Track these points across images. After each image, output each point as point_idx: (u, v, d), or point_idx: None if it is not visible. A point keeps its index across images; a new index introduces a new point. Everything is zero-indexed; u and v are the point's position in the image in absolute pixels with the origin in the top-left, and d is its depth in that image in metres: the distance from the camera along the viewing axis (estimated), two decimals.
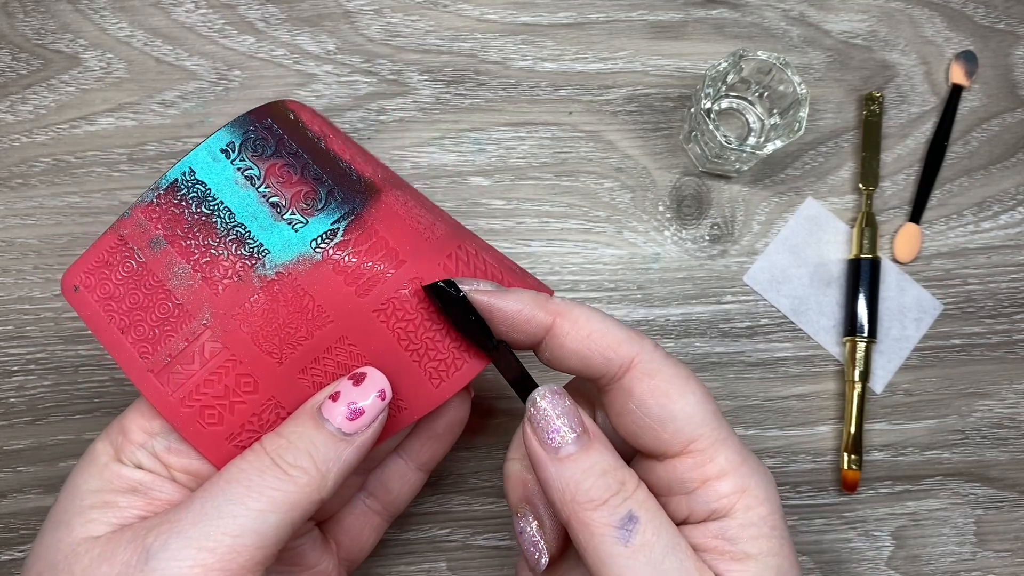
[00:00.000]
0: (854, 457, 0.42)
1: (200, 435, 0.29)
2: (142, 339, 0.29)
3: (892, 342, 0.43)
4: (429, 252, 0.30)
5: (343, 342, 0.29)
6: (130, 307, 0.29)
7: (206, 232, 0.29)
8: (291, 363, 0.29)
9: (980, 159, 0.45)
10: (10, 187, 0.41)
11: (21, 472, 0.40)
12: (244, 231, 0.29)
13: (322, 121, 0.33)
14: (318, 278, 0.28)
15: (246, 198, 0.29)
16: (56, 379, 0.41)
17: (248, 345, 0.29)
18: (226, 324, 0.29)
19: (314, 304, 0.29)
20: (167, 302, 0.29)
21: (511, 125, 0.43)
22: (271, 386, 0.29)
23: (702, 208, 0.44)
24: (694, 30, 0.44)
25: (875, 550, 0.43)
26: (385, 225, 0.29)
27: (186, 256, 0.29)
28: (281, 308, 0.29)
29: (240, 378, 0.29)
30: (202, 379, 0.29)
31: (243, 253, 0.29)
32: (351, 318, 0.29)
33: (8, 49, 0.42)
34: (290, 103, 0.32)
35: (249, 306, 0.29)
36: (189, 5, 0.43)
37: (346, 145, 0.32)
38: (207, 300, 0.29)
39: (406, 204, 0.31)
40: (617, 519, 0.26)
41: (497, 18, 0.44)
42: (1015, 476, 0.43)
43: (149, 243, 0.29)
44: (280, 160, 0.29)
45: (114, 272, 0.29)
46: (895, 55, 0.45)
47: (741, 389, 0.43)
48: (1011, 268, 0.44)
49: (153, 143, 0.42)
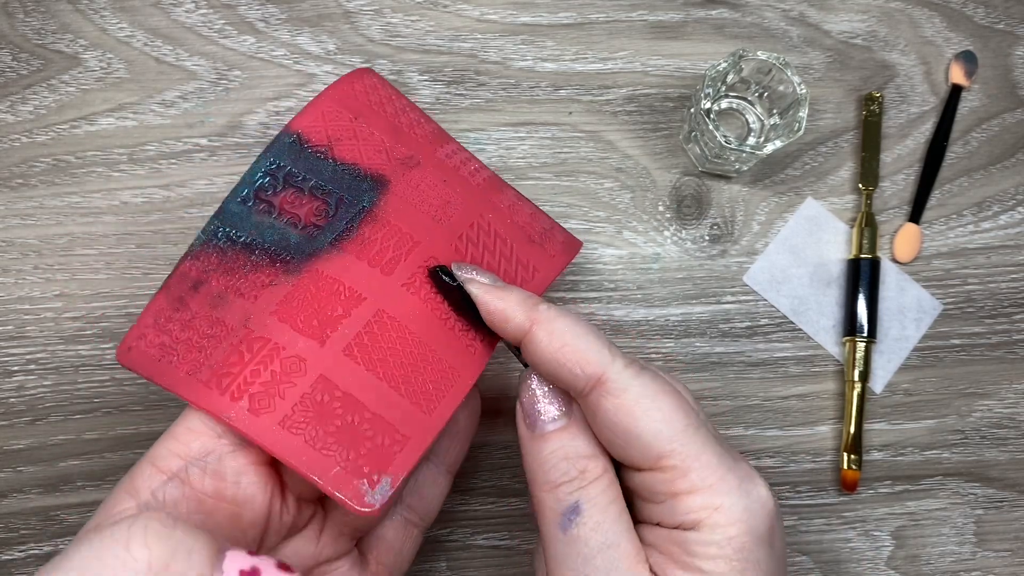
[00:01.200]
0: (854, 457, 0.42)
1: (251, 423, 0.29)
2: (191, 360, 0.31)
3: (892, 342, 0.43)
4: (442, 233, 0.33)
5: (381, 315, 0.31)
6: (176, 341, 0.31)
7: (238, 261, 0.32)
8: (333, 342, 0.30)
9: (980, 159, 0.45)
10: (10, 187, 0.41)
11: (21, 472, 0.40)
12: (270, 249, 0.32)
13: (337, 116, 0.34)
14: (343, 266, 0.31)
15: (268, 226, 0.32)
16: (56, 379, 0.41)
17: (288, 332, 0.30)
18: (265, 320, 0.31)
19: (344, 287, 0.31)
20: (211, 323, 0.31)
21: (511, 125, 0.43)
22: (318, 366, 0.30)
23: (702, 208, 0.44)
24: (694, 30, 0.45)
25: (875, 550, 0.43)
26: (396, 214, 0.33)
27: (224, 284, 0.32)
28: (314, 295, 0.31)
29: (286, 362, 0.30)
30: (249, 371, 0.30)
31: (272, 266, 0.32)
32: (382, 293, 0.31)
33: (8, 49, 0.42)
34: (296, 123, 0.33)
35: (283, 300, 0.31)
36: (189, 5, 0.43)
37: (360, 139, 0.34)
38: (245, 309, 0.31)
39: (419, 187, 0.33)
40: (563, 507, 0.27)
41: (497, 18, 0.44)
42: (1015, 476, 0.43)
43: (190, 287, 0.32)
44: (289, 190, 0.32)
45: (163, 321, 0.32)
46: (895, 55, 0.45)
47: (741, 389, 0.43)
48: (1011, 268, 0.44)
49: (153, 143, 0.42)
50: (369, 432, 0.30)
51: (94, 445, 0.40)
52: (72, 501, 0.40)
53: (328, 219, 0.32)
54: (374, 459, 0.30)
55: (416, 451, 0.30)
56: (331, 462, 0.29)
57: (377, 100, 0.35)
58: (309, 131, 0.33)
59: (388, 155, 0.34)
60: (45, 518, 0.40)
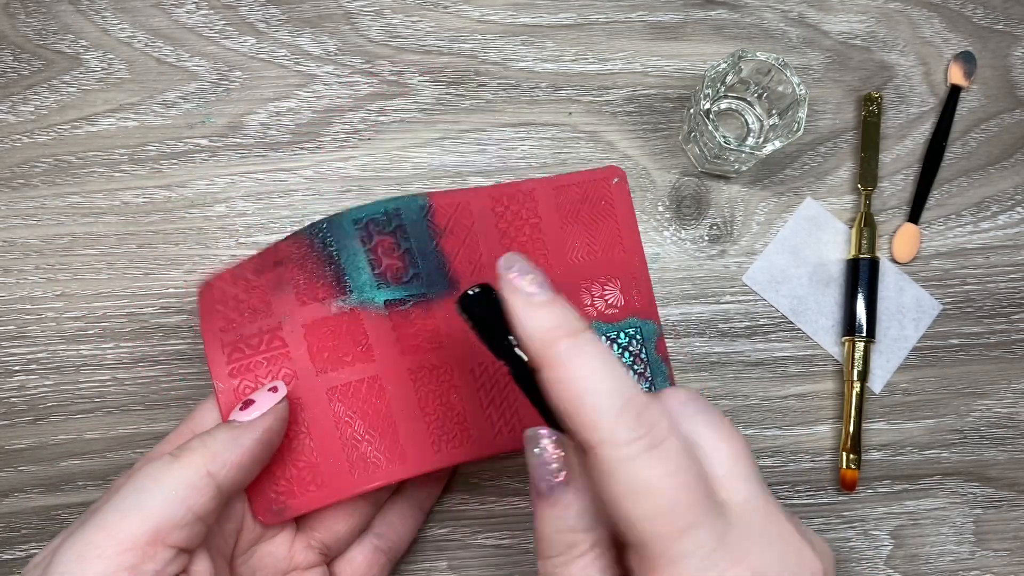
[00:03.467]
0: (853, 456, 0.42)
1: (229, 403, 0.33)
2: (227, 316, 0.35)
3: (891, 342, 0.43)
4: (465, 352, 0.36)
5: (376, 380, 0.35)
6: (235, 299, 0.35)
7: (317, 264, 0.35)
8: (325, 379, 0.35)
9: (979, 159, 0.45)
10: (12, 187, 0.41)
11: (22, 472, 0.40)
12: (343, 272, 0.35)
13: (463, 215, 0.38)
14: (379, 326, 0.35)
15: (356, 252, 0.35)
16: (57, 379, 0.41)
17: (303, 348, 0.34)
18: (296, 327, 0.35)
19: (366, 341, 0.35)
20: (263, 300, 0.35)
21: (511, 126, 0.43)
22: (302, 391, 0.34)
23: (701, 208, 0.44)
24: (693, 31, 0.45)
25: (874, 549, 0.43)
26: (445, 317, 0.36)
27: (293, 277, 0.35)
28: (342, 332, 0.35)
29: (285, 372, 0.34)
30: (256, 360, 0.34)
31: (334, 286, 0.35)
32: (390, 365, 0.35)
33: (9, 50, 0.42)
34: (437, 196, 0.37)
35: (320, 321, 0.35)
36: (190, 6, 0.43)
37: (465, 243, 0.38)
38: (291, 308, 0.35)
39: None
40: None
41: (497, 19, 0.44)
42: (1014, 475, 0.44)
43: (273, 263, 0.35)
44: (390, 239, 0.36)
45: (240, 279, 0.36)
46: (894, 56, 0.45)
47: (740, 389, 0.43)
48: (1009, 268, 0.44)
49: (154, 143, 0.42)
50: (301, 465, 0.34)
51: (95, 445, 0.41)
52: (73, 500, 0.40)
53: (398, 282, 0.36)
54: (290, 488, 0.34)
55: (323, 502, 0.34)
56: (265, 476, 0.33)
57: (507, 220, 0.39)
58: (438, 208, 0.37)
59: (474, 268, 0.37)
60: (46, 517, 0.40)
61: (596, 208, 0.40)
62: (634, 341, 0.39)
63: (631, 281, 0.39)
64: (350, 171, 0.42)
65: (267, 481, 0.34)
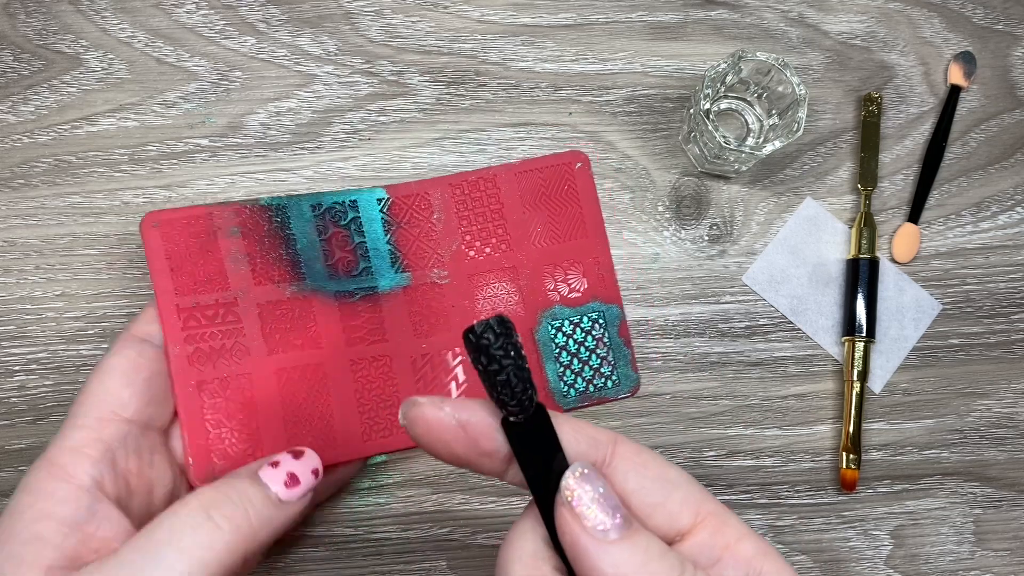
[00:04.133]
0: (853, 456, 0.42)
1: (180, 367, 0.35)
2: (185, 282, 0.35)
3: (891, 342, 0.43)
4: (410, 348, 0.38)
5: (320, 368, 0.37)
6: (187, 256, 0.36)
7: (273, 245, 0.37)
8: (276, 360, 0.36)
9: (978, 160, 0.45)
10: (12, 187, 0.41)
11: (22, 472, 0.40)
12: (298, 259, 0.37)
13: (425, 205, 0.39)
14: (328, 316, 0.37)
15: (312, 242, 0.37)
16: (57, 379, 0.41)
17: (256, 327, 0.36)
18: (251, 306, 0.36)
19: (315, 330, 0.37)
20: (219, 270, 0.36)
21: (511, 126, 0.43)
22: (254, 368, 0.36)
23: (701, 208, 0.44)
24: (693, 31, 0.45)
25: (874, 549, 0.43)
26: (391, 310, 0.38)
27: (250, 251, 0.36)
28: (294, 317, 0.37)
29: (237, 345, 0.36)
30: (208, 331, 0.35)
31: (290, 271, 0.37)
32: (334, 354, 0.37)
33: (10, 50, 0.42)
34: (396, 189, 0.38)
35: (274, 304, 0.36)
36: (190, 6, 0.43)
37: (420, 237, 0.39)
38: (248, 285, 0.36)
39: (429, 301, 0.38)
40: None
41: (497, 19, 0.44)
42: (1013, 475, 0.44)
43: (228, 229, 0.36)
44: (344, 232, 0.37)
45: (190, 230, 0.36)
46: (894, 56, 0.45)
47: (740, 389, 0.43)
48: (1009, 268, 0.44)
49: (155, 143, 0.42)
50: (244, 437, 0.35)
51: None
52: None
53: (348, 275, 0.37)
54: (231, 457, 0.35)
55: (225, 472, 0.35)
56: (206, 435, 0.35)
57: (468, 207, 0.39)
58: (396, 201, 0.38)
59: (428, 261, 0.38)
60: None
61: (559, 193, 0.40)
62: (597, 325, 0.39)
63: (594, 265, 0.39)
64: (350, 171, 0.42)
65: (210, 449, 0.35)
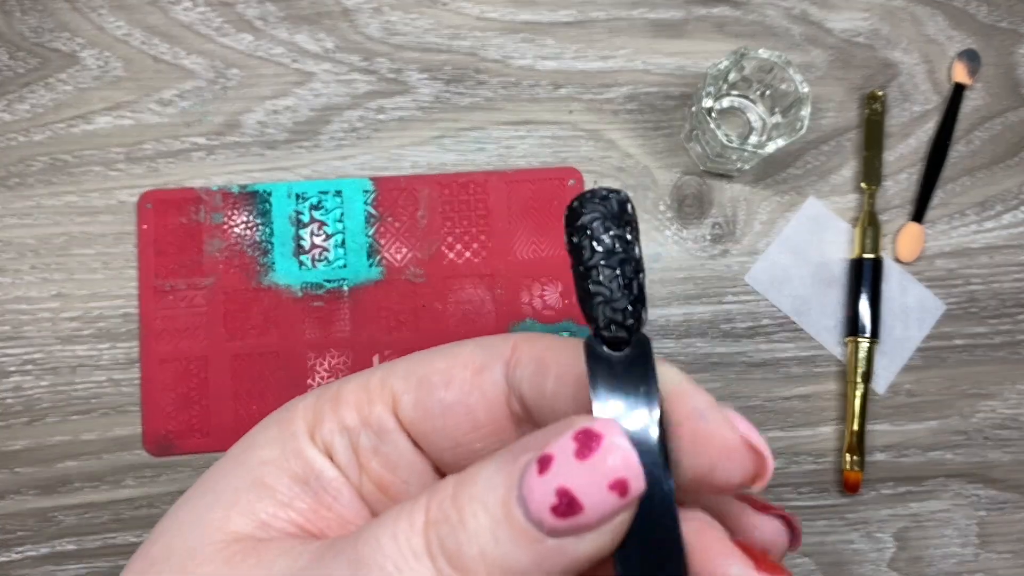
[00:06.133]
0: (856, 458, 0.41)
1: (147, 343, 0.38)
2: (167, 265, 0.38)
3: (894, 342, 0.43)
4: (371, 340, 0.39)
5: (275, 356, 0.38)
6: (172, 241, 0.38)
7: (251, 232, 0.38)
8: (235, 346, 0.39)
9: (983, 158, 0.45)
10: (7, 187, 0.41)
11: (18, 473, 0.40)
12: (271, 248, 0.38)
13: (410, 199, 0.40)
14: (290, 306, 0.39)
15: (288, 230, 0.38)
16: (53, 379, 0.40)
17: (220, 315, 0.38)
18: (217, 292, 0.38)
19: (273, 316, 0.38)
20: (196, 257, 0.38)
21: (511, 124, 0.43)
22: (210, 351, 0.39)
23: (703, 208, 0.43)
24: (695, 28, 0.44)
25: (877, 551, 0.42)
26: (357, 303, 0.39)
27: (226, 235, 0.38)
28: (256, 303, 0.38)
29: (199, 330, 0.39)
30: (178, 311, 0.39)
31: (260, 261, 0.38)
32: (291, 341, 0.39)
33: (5, 48, 0.42)
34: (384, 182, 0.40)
35: (239, 291, 0.38)
36: (187, 3, 0.43)
37: (401, 233, 0.40)
38: (218, 271, 0.38)
39: (389, 286, 0.39)
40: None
41: (497, 16, 0.44)
42: (1018, 477, 0.43)
43: (212, 215, 0.38)
44: (323, 223, 0.39)
45: (180, 211, 0.39)
46: (897, 54, 0.45)
47: (743, 390, 0.43)
48: (1014, 268, 0.44)
49: (151, 142, 0.42)
50: (194, 413, 0.39)
51: (91, 446, 0.40)
52: (69, 502, 0.40)
53: (318, 266, 0.39)
54: (180, 431, 0.39)
55: (205, 450, 0.39)
56: (162, 408, 0.39)
57: (454, 208, 0.40)
58: (382, 193, 0.40)
59: (405, 257, 0.39)
60: (42, 519, 0.40)
61: (547, 207, 0.40)
62: None
63: (572, 286, 0.39)
64: (348, 170, 0.42)
65: (162, 420, 0.38)
